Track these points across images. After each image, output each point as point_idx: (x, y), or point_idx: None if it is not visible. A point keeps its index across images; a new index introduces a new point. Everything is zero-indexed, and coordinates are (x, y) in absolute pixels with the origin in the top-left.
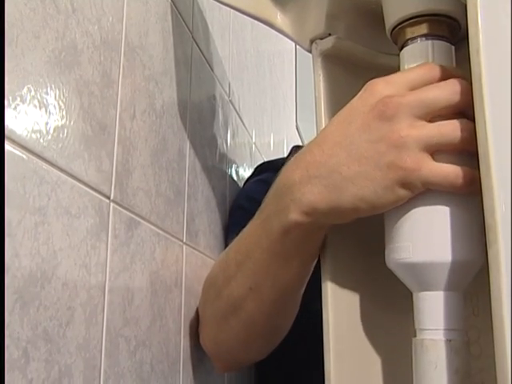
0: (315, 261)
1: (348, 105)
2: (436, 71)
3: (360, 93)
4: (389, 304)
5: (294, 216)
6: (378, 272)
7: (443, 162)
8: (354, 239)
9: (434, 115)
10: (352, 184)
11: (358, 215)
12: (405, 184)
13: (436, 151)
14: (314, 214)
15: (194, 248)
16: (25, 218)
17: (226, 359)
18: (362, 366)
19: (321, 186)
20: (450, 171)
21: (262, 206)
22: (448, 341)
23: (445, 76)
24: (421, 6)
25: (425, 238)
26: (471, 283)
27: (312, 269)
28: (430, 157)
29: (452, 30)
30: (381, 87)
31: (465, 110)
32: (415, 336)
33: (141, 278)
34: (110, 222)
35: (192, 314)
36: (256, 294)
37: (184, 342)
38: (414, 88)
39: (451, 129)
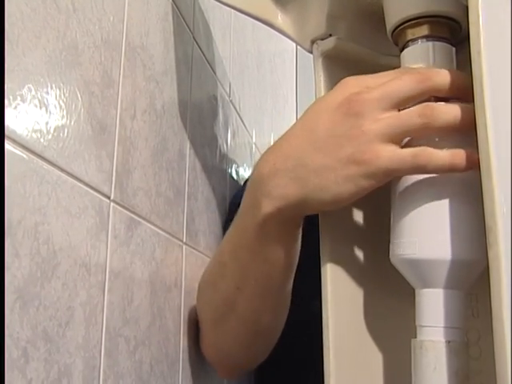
0: (296, 253)
1: (318, 100)
2: (419, 85)
3: (333, 89)
4: (390, 301)
5: (266, 209)
6: (380, 268)
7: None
8: (354, 235)
9: (401, 106)
10: (315, 175)
11: (324, 207)
12: (366, 175)
13: (400, 139)
14: (284, 206)
15: (193, 248)
16: (25, 218)
17: (225, 364)
18: (361, 365)
19: (287, 178)
20: (406, 155)
21: (241, 205)
22: (447, 342)
23: (426, 89)
24: (422, 8)
25: (432, 234)
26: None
27: (295, 260)
28: (392, 145)
29: (453, 32)
30: (351, 85)
31: (429, 97)
32: (415, 333)
33: (140, 278)
34: (109, 222)
35: (191, 314)
36: (243, 292)
37: (183, 342)
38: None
39: (410, 115)
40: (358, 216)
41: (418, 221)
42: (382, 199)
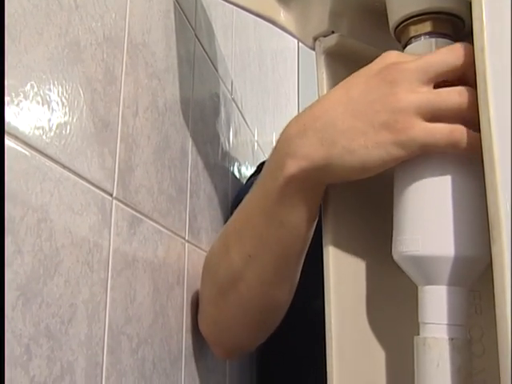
0: (314, 223)
1: (356, 71)
2: (462, 59)
3: (374, 60)
4: (393, 298)
5: (289, 170)
6: (382, 266)
7: None
8: (357, 233)
9: (439, 81)
10: (344, 137)
11: (349, 174)
12: (397, 143)
13: (435, 117)
14: (309, 168)
15: (196, 246)
16: (27, 215)
17: (225, 342)
18: (364, 361)
19: (315, 138)
20: (442, 129)
21: (262, 171)
22: (450, 339)
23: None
24: (424, 4)
25: (435, 231)
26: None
27: (311, 231)
28: (424, 120)
29: (456, 28)
30: (391, 56)
31: (469, 76)
32: (418, 330)
33: (143, 276)
34: (112, 220)
35: (194, 311)
36: (256, 261)
37: (186, 340)
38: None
39: (451, 94)
40: (361, 214)
41: (420, 217)
42: (384, 196)
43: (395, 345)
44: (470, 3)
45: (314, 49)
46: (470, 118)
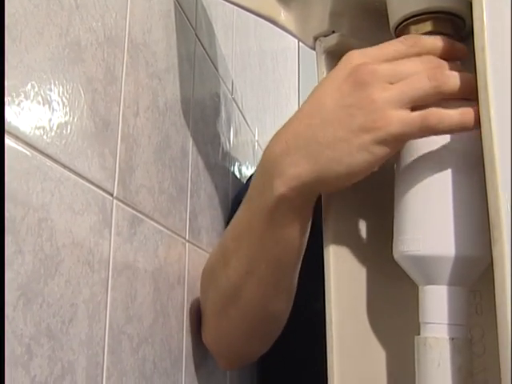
0: (307, 234)
1: (324, 77)
2: (410, 43)
3: (338, 64)
4: (393, 297)
5: (278, 190)
6: (382, 265)
7: None
8: (357, 233)
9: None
10: (328, 149)
11: (339, 182)
12: (378, 141)
13: (414, 106)
14: (298, 186)
15: (196, 246)
16: (28, 215)
17: (228, 355)
18: (365, 362)
19: (300, 156)
20: (414, 117)
21: (249, 189)
22: (451, 339)
23: (419, 48)
24: (425, 4)
25: (436, 231)
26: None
27: (305, 242)
28: (402, 110)
29: (456, 28)
30: (356, 57)
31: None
32: (418, 330)
33: (143, 276)
34: (113, 219)
35: (194, 311)
36: (252, 277)
37: (186, 340)
38: (388, 60)
39: (421, 80)
40: (361, 213)
41: (421, 217)
42: (385, 196)
43: (396, 345)
44: (471, 3)
45: (314, 48)
46: (445, 96)
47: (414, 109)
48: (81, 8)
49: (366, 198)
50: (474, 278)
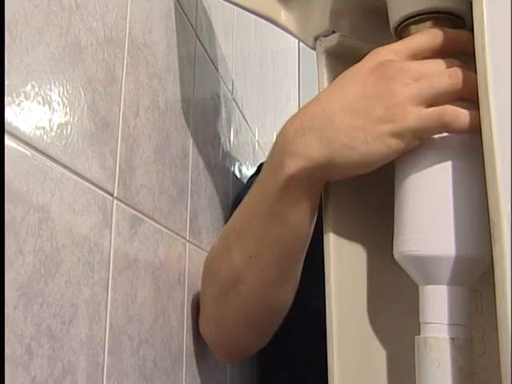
0: (313, 220)
1: (349, 68)
2: (437, 38)
3: (364, 59)
4: (394, 296)
5: (289, 170)
6: (382, 265)
7: None
8: (357, 233)
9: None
10: (344, 134)
11: (351, 170)
12: (394, 134)
13: (432, 103)
14: (309, 167)
15: (196, 246)
16: (28, 215)
17: (227, 346)
18: (364, 361)
19: (314, 137)
20: (432, 112)
21: (261, 171)
22: (451, 339)
23: (447, 43)
24: (426, 4)
25: (436, 231)
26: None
27: (311, 229)
28: (422, 106)
29: (456, 27)
30: (382, 53)
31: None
32: (419, 330)
33: (144, 276)
34: (113, 219)
35: (195, 311)
36: (257, 261)
37: (187, 340)
38: (414, 56)
39: (441, 78)
40: (362, 211)
41: (421, 217)
42: (385, 194)
43: (396, 344)
44: (471, 3)
45: (314, 48)
46: (465, 96)
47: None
48: (81, 8)
49: (367, 195)
50: (474, 277)
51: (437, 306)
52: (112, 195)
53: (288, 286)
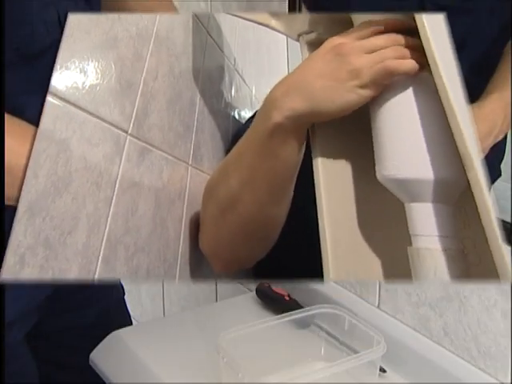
0: (301, 153)
1: (310, 55)
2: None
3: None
4: (383, 210)
5: (275, 119)
6: (370, 182)
7: None
8: (345, 151)
9: None
10: (323, 92)
11: (331, 116)
12: (363, 86)
13: None
14: (293, 116)
15: (198, 169)
16: (50, 147)
17: (224, 256)
18: (358, 261)
19: (297, 95)
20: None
21: (251, 124)
22: (444, 250)
23: (379, 24)
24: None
25: (410, 156)
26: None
27: (299, 161)
28: None
29: None
30: (336, 39)
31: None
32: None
33: (147, 194)
34: (124, 150)
35: (193, 222)
36: (251, 186)
37: (183, 249)
38: (362, 38)
39: (389, 50)
40: (346, 137)
41: (395, 145)
42: (367, 120)
43: (388, 254)
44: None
45: (299, 41)
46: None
47: None
48: (122, 19)
49: (350, 123)
50: (454, 197)
51: (424, 220)
52: (126, 132)
53: (281, 205)
